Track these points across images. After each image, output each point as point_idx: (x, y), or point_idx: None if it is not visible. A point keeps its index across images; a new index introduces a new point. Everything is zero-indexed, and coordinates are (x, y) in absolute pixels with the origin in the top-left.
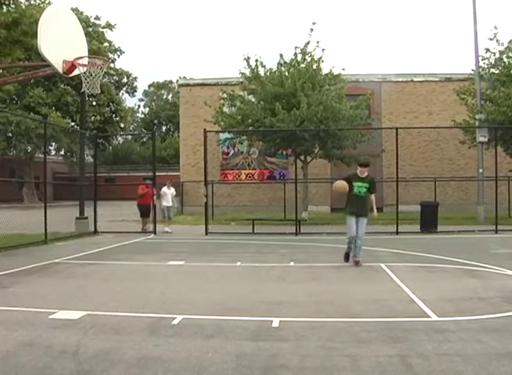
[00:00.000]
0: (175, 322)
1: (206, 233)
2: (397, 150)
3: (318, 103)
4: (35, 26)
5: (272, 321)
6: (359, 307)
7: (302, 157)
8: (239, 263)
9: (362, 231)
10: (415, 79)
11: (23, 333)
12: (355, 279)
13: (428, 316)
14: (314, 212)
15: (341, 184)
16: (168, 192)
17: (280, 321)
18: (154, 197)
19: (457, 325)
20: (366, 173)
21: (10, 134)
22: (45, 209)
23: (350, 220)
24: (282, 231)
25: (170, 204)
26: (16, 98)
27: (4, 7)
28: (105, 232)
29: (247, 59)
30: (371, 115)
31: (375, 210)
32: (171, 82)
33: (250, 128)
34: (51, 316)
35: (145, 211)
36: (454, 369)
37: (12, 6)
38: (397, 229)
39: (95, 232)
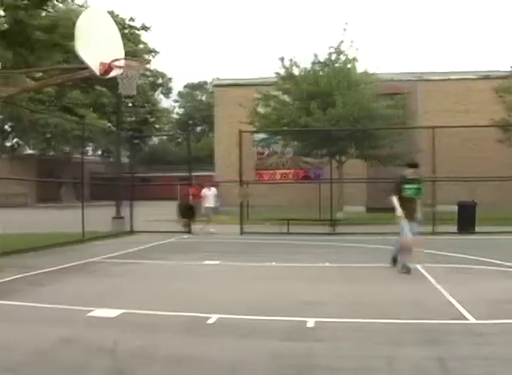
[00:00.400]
0: (210, 321)
1: (241, 233)
2: (434, 149)
3: (354, 102)
4: (73, 29)
5: (306, 321)
6: (395, 308)
7: (337, 157)
8: (274, 263)
9: (415, 233)
10: (452, 77)
11: (61, 330)
12: (390, 280)
13: (466, 319)
14: (349, 212)
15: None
16: (209, 193)
17: (315, 321)
18: (190, 197)
19: (496, 328)
20: (416, 174)
21: (49, 135)
22: (83, 209)
23: (403, 223)
24: (317, 231)
25: (212, 205)
26: (54, 100)
27: (44, 12)
28: (141, 231)
29: (282, 59)
30: (408, 114)
31: (419, 214)
32: (205, 83)
33: (285, 128)
34: (88, 314)
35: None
36: (494, 374)
37: (51, 10)
38: (433, 229)
39: (131, 231)
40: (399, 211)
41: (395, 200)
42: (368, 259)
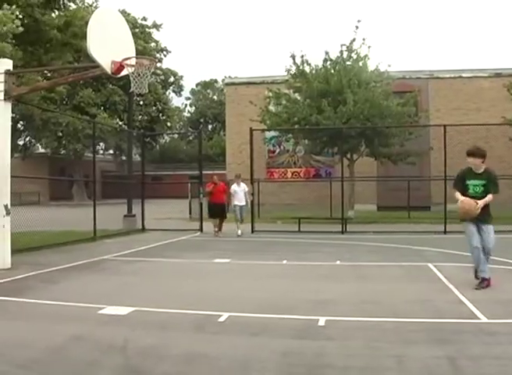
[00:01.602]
0: (221, 319)
1: (252, 232)
2: (445, 148)
3: (365, 100)
4: (84, 28)
5: (317, 320)
6: (406, 307)
7: (348, 155)
8: (285, 261)
9: (490, 242)
10: (463, 75)
11: (73, 328)
12: (402, 279)
13: (478, 318)
14: (360, 210)
15: (469, 206)
16: (239, 189)
17: (326, 320)
18: (201, 195)
19: (508, 327)
20: (482, 168)
21: (61, 134)
22: (94, 207)
23: (468, 228)
24: (328, 230)
25: (243, 203)
26: (66, 99)
27: (56, 11)
28: (152, 229)
29: (293, 57)
30: (419, 112)
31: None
32: (216, 81)
33: (296, 126)
34: (100, 312)
35: (216, 211)
36: (506, 373)
37: (61, 9)
38: (445, 228)
39: (143, 229)
40: (462, 208)
41: (458, 195)
42: (379, 258)
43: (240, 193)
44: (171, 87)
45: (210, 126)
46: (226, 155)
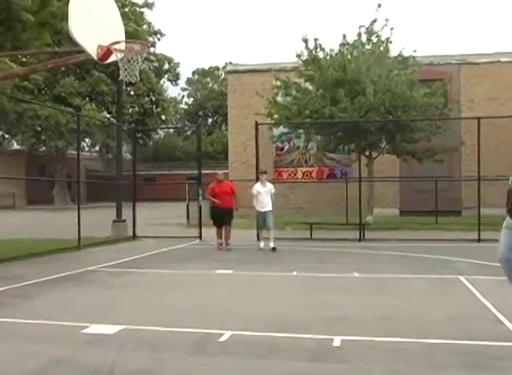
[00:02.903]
0: (222, 338)
1: (258, 239)
2: (479, 143)
3: (386, 90)
4: (65, 8)
5: (332, 339)
6: (433, 326)
7: (367, 152)
8: (295, 273)
9: None
10: (502, 59)
11: (53, 350)
12: (428, 293)
13: None
14: (380, 215)
15: None
16: (263, 190)
17: (342, 340)
18: (200, 198)
19: None
20: None
21: (39, 129)
22: (78, 211)
23: None
24: (343, 237)
25: (268, 208)
26: (45, 89)
27: None
28: (145, 237)
29: (305, 41)
30: (448, 103)
31: None
32: (217, 69)
33: (308, 120)
34: (84, 331)
35: (219, 216)
36: None
37: None
38: (479, 236)
39: (134, 237)
40: None
41: None
42: (403, 269)
43: (264, 195)
44: (166, 76)
45: (210, 120)
46: (229, 153)
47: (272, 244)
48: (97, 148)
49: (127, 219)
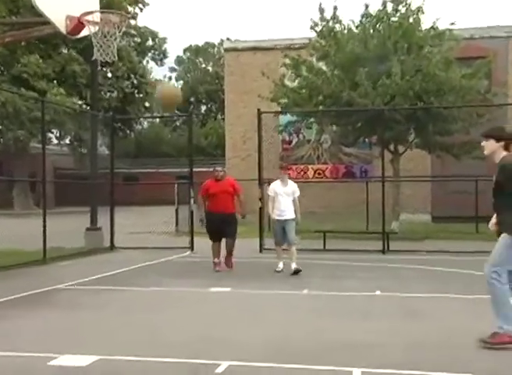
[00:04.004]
0: (219, 370)
1: (261, 250)
2: None
3: (416, 71)
4: None
5: (350, 372)
6: (470, 356)
7: (392, 147)
8: (305, 291)
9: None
10: None
11: None
12: (467, 316)
13: None
14: (408, 222)
15: None
16: (283, 191)
17: (362, 372)
18: (192, 200)
19: None
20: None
21: None
22: (44, 217)
23: None
24: (363, 248)
25: (289, 215)
26: (1, 68)
27: None
28: (125, 248)
29: (321, 10)
30: (493, 86)
31: None
32: (212, 46)
33: (321, 107)
34: (51, 363)
35: (216, 226)
36: None
37: None
38: None
39: (112, 248)
40: None
41: None
42: (435, 288)
43: (285, 198)
44: (150, 54)
45: (203, 108)
46: (226, 147)
47: (294, 266)
48: (67, 140)
49: (104, 227)
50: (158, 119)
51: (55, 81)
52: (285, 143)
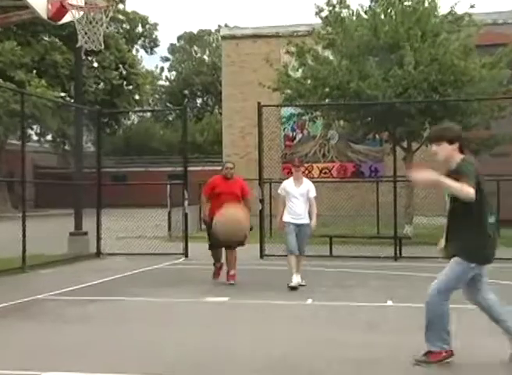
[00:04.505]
0: None
1: (261, 256)
2: None
3: (432, 60)
4: None
5: None
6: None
7: (405, 143)
8: (309, 301)
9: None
10: None
11: None
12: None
13: None
14: (423, 225)
15: None
16: (297, 192)
17: None
18: (186, 202)
19: None
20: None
21: None
22: (23, 221)
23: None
24: (373, 254)
25: (303, 220)
26: None
27: None
28: (113, 254)
29: None
30: None
31: None
32: (209, 33)
33: (327, 100)
34: None
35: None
36: None
37: None
38: None
39: (98, 254)
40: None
41: None
42: (453, 298)
43: (299, 200)
44: (139, 42)
45: (199, 101)
46: (223, 144)
47: (296, 280)
48: (49, 137)
49: (89, 232)
50: (148, 114)
51: (34, 71)
52: (288, 139)
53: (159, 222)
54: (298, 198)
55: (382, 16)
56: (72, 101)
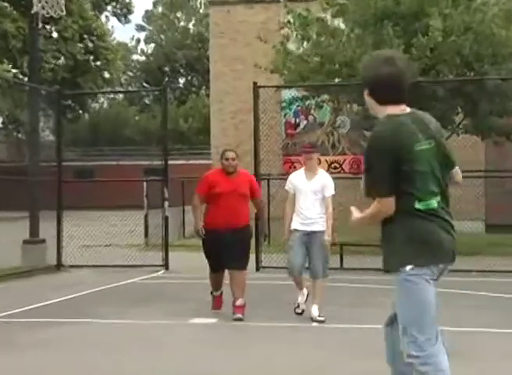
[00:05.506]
0: None
1: (258, 269)
2: None
3: (465, 29)
4: None
5: None
6: None
7: None
8: (314, 324)
9: None
10: None
11: None
12: None
13: None
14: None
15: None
16: (309, 187)
17: None
18: (167, 203)
19: None
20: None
21: None
22: None
23: None
24: None
25: (317, 226)
26: None
27: None
28: (77, 266)
29: None
30: None
31: None
32: None
33: (337, 80)
34: None
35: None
36: None
37: None
38: None
39: (59, 266)
40: None
41: None
42: (489, 319)
43: (311, 198)
44: (109, 7)
45: (182, 80)
46: (211, 132)
47: (315, 312)
48: None
49: (48, 239)
50: (121, 96)
51: None
52: (290, 127)
53: (134, 227)
54: (309, 195)
55: None
56: (26, 79)
